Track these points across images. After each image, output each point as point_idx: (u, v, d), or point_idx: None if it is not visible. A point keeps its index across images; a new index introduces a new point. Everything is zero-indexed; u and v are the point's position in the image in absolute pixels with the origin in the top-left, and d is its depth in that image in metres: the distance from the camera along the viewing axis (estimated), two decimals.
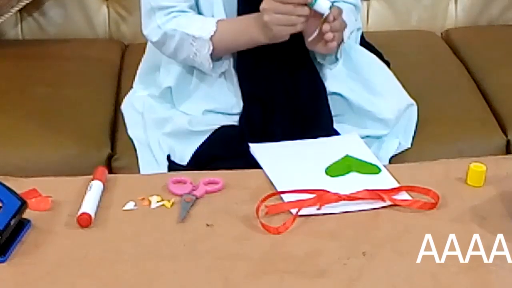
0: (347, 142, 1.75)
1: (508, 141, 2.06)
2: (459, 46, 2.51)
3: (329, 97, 1.86)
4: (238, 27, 1.76)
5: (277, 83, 1.83)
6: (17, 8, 2.39)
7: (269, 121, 1.81)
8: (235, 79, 1.84)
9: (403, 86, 1.99)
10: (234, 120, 1.84)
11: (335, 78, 1.88)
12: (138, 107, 1.98)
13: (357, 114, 1.89)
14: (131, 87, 2.06)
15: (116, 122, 2.10)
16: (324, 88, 1.86)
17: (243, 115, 1.83)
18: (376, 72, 1.94)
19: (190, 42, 1.75)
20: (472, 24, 2.66)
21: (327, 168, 1.62)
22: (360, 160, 1.65)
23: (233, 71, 1.84)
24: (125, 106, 2.04)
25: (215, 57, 1.78)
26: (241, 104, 1.84)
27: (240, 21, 1.76)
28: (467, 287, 1.31)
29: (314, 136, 1.75)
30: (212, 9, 1.79)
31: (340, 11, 1.67)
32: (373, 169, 1.62)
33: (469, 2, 2.64)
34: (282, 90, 1.83)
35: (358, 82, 1.90)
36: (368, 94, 1.90)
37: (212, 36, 1.74)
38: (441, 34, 2.64)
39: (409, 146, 1.95)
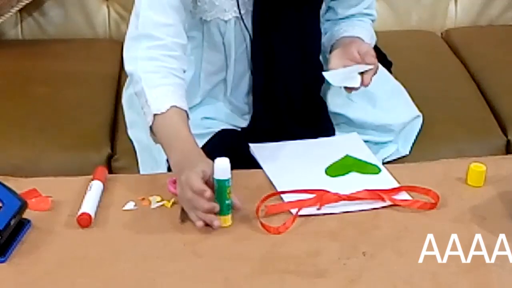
0: (347, 142, 1.75)
1: (508, 141, 2.06)
2: (459, 46, 2.52)
3: (332, 115, 1.85)
4: (178, 135, 1.57)
5: (289, 103, 1.81)
6: (17, 8, 2.39)
7: (276, 137, 1.79)
8: (245, 100, 1.83)
9: (403, 86, 1.99)
10: (235, 127, 1.84)
11: (338, 97, 1.86)
12: (138, 107, 1.98)
13: (360, 128, 1.88)
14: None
15: (116, 122, 2.10)
16: (324, 103, 1.85)
17: (249, 130, 1.82)
18: (382, 85, 1.89)
19: (142, 100, 1.62)
20: (472, 24, 2.66)
21: (327, 168, 1.62)
22: (360, 160, 1.65)
23: (244, 94, 1.83)
24: (125, 106, 2.04)
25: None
26: (246, 121, 1.83)
27: (186, 135, 1.57)
28: (468, 287, 1.31)
29: (314, 136, 1.75)
30: None
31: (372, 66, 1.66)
32: (373, 169, 1.62)
33: (469, 2, 2.64)
34: (292, 110, 1.81)
35: (363, 97, 1.87)
36: (374, 109, 1.89)
37: (157, 114, 1.57)
38: (441, 34, 2.64)
39: (407, 153, 1.93)
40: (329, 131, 1.83)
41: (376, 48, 1.97)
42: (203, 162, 1.47)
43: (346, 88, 1.67)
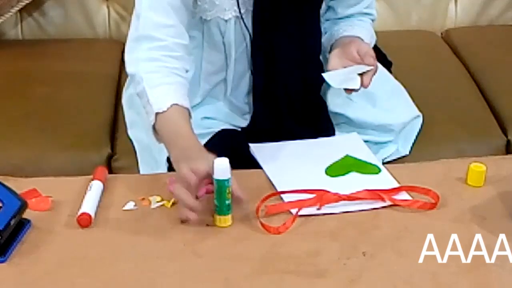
0: (347, 142, 1.75)
1: (508, 141, 2.06)
2: (459, 46, 2.52)
3: (332, 115, 1.85)
4: (179, 132, 1.56)
5: (289, 103, 1.81)
6: (17, 8, 2.39)
7: (276, 137, 1.79)
8: (245, 100, 1.83)
9: (403, 86, 1.99)
10: (235, 127, 1.84)
11: (338, 97, 1.86)
12: (138, 107, 1.98)
13: (360, 128, 1.88)
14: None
15: (116, 122, 2.10)
16: (324, 103, 1.85)
17: (249, 129, 1.82)
18: (382, 85, 1.89)
19: (144, 101, 1.61)
20: (472, 24, 2.66)
21: (327, 168, 1.62)
22: (360, 160, 1.65)
23: (243, 94, 1.83)
24: (125, 106, 2.04)
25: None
26: (246, 121, 1.83)
27: (187, 132, 1.56)
28: (468, 287, 1.31)
29: (314, 136, 1.75)
30: None
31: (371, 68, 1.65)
32: (373, 169, 1.62)
33: (469, 2, 2.64)
34: (292, 110, 1.81)
35: (363, 97, 1.86)
36: (374, 109, 1.88)
37: (158, 113, 1.56)
38: (441, 34, 2.65)
39: (407, 153, 1.93)
40: (329, 131, 1.83)
41: (376, 48, 1.97)
42: (202, 159, 1.47)
43: (345, 89, 1.67)
